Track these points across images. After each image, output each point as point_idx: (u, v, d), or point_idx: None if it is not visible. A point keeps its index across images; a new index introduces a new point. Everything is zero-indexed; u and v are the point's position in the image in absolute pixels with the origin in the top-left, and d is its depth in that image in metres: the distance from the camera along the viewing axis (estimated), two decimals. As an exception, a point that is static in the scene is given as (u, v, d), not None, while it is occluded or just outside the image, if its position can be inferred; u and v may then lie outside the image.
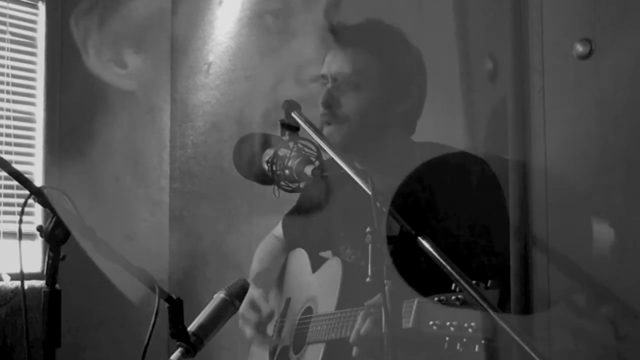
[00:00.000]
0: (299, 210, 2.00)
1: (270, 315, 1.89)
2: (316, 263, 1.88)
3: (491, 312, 1.03)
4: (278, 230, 2.11)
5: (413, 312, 1.34)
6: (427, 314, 1.31)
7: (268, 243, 2.13)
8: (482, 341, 1.21)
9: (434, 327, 1.29)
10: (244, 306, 1.90)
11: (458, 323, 1.24)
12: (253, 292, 1.92)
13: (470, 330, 1.22)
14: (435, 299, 1.30)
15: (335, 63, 1.74)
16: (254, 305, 1.90)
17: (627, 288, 1.65)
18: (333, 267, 1.76)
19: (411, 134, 1.82)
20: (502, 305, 1.19)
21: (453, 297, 1.25)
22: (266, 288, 1.98)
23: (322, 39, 1.78)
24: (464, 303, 1.23)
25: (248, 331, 1.90)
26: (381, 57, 1.73)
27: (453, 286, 1.25)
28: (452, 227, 1.59)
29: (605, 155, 1.74)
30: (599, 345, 1.62)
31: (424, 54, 1.84)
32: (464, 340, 1.24)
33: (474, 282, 1.16)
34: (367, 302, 1.46)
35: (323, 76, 1.76)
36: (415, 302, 1.34)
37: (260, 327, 1.88)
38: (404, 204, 1.42)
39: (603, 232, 1.63)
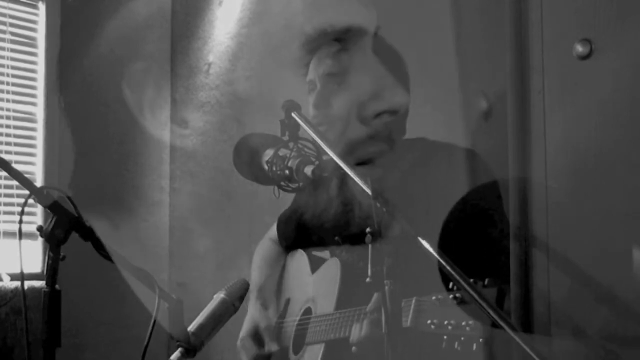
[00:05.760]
0: (294, 211, 2.00)
1: (268, 356, 1.88)
2: (315, 264, 1.88)
3: (490, 312, 1.02)
4: (273, 232, 2.11)
5: (411, 311, 1.33)
6: (424, 313, 1.31)
7: (265, 248, 2.12)
8: (480, 340, 1.20)
9: (432, 326, 1.28)
10: (245, 331, 1.90)
11: (456, 322, 1.24)
12: (257, 317, 1.91)
13: (468, 328, 1.22)
14: (433, 297, 1.30)
15: (322, 64, 1.73)
16: (255, 336, 1.89)
17: (627, 289, 1.65)
18: (332, 267, 1.76)
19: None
20: (500, 304, 1.19)
21: (450, 296, 1.25)
22: (268, 303, 1.98)
23: (304, 44, 1.77)
24: (461, 302, 1.23)
25: (244, 359, 1.89)
26: (366, 56, 1.72)
27: (450, 284, 1.24)
28: (449, 222, 1.58)
29: (605, 155, 1.74)
30: (599, 346, 1.62)
31: (420, 54, 1.83)
32: (462, 339, 1.23)
33: (471, 280, 1.15)
34: (368, 308, 1.46)
35: (311, 81, 1.75)
36: (413, 301, 1.34)
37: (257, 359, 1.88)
38: None
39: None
